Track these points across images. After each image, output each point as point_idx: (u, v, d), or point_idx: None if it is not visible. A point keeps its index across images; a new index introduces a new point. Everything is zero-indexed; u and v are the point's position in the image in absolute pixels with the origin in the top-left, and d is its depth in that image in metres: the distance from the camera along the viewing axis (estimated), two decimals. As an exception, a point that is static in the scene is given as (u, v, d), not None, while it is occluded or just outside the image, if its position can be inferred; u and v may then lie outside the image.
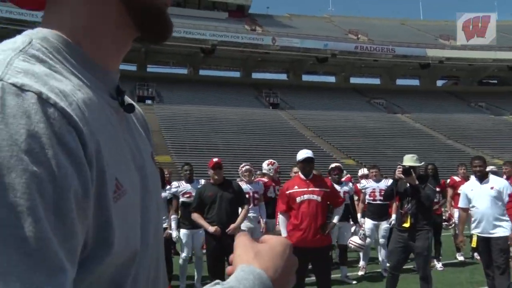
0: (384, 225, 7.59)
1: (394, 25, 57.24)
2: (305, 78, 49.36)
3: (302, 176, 5.31)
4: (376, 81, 52.32)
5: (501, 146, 33.15)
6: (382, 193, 6.80)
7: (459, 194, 8.55)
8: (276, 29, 46.18)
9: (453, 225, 8.37)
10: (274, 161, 8.13)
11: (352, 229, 7.72)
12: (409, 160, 5.43)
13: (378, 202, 7.47)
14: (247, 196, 6.61)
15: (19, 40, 0.61)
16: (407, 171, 5.27)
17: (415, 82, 53.08)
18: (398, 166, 5.50)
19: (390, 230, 6.98)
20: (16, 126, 0.49)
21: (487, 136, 36.17)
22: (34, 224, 0.47)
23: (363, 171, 9.27)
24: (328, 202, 5.28)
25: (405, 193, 5.43)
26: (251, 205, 6.72)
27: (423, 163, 5.86)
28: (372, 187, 7.77)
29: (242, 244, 0.68)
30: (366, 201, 7.86)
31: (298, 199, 5.15)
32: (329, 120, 36.49)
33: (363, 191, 7.98)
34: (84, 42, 0.66)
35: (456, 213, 8.48)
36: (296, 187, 5.25)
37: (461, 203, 5.89)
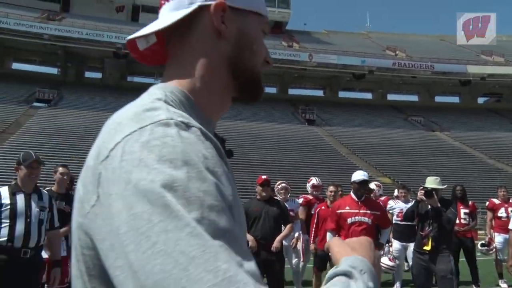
0: (412, 246, 7.56)
1: (433, 41, 56.48)
2: (342, 94, 49.23)
3: (354, 197, 5.41)
4: (414, 98, 51.58)
5: (546, 166, 32.06)
6: None
7: (499, 217, 8.44)
8: (313, 45, 46.41)
9: (494, 249, 8.12)
10: (312, 178, 8.25)
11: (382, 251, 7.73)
12: (432, 182, 5.42)
13: (406, 223, 7.48)
14: None
15: (157, 93, 0.78)
16: (429, 193, 5.26)
17: (455, 99, 52.00)
18: (421, 188, 5.47)
19: None
20: (197, 149, 0.66)
21: (531, 155, 35.04)
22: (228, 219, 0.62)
23: (396, 192, 9.21)
24: (377, 223, 5.39)
25: (426, 215, 5.39)
26: None
27: (445, 185, 5.87)
28: (400, 207, 7.73)
29: (337, 244, 0.80)
30: (394, 221, 7.76)
31: (349, 220, 5.25)
32: (365, 137, 36.25)
33: (390, 211, 7.89)
34: (199, 98, 0.83)
35: (497, 237, 8.37)
36: (347, 207, 5.34)
37: (511, 225, 5.73)
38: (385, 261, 6.89)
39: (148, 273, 0.56)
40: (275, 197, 6.56)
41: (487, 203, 8.87)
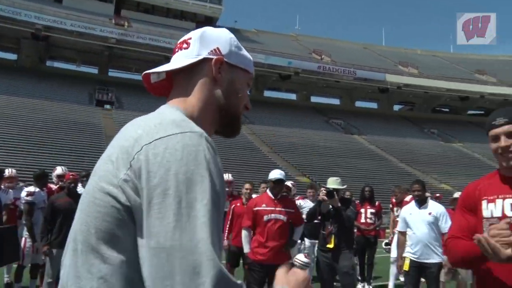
0: None
1: (357, 49, 58.84)
2: (267, 94, 49.91)
3: (270, 195, 5.44)
4: (336, 101, 53.48)
5: (449, 172, 34.54)
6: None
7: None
8: (242, 43, 43.91)
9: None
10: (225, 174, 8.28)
11: (297, 248, 7.70)
12: (333, 182, 5.54)
13: (315, 221, 7.67)
14: None
15: (179, 113, 1.06)
16: (330, 193, 5.41)
17: (373, 105, 54.59)
18: (322, 189, 5.58)
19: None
20: (214, 161, 0.95)
21: (437, 161, 37.58)
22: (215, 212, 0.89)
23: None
24: (290, 221, 5.45)
25: (327, 214, 5.55)
26: None
27: (345, 186, 6.00)
28: (309, 207, 7.91)
29: (282, 272, 1.09)
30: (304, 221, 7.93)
31: (265, 217, 5.25)
32: (287, 136, 36.99)
33: (301, 210, 8.06)
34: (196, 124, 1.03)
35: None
36: (264, 205, 5.35)
37: (400, 227, 5.84)
38: (300, 257, 7.04)
39: (167, 238, 0.84)
40: None
41: (390, 205, 9.13)
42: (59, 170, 7.63)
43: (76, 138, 26.60)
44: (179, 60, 1.15)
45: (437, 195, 12.74)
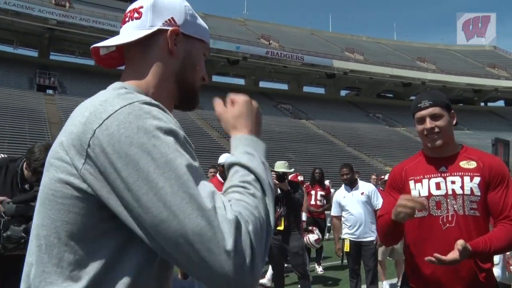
0: None
1: (305, 34, 59.43)
2: (215, 79, 49.53)
3: (220, 179, 5.51)
4: (284, 86, 53.95)
5: (393, 155, 35.77)
6: None
7: None
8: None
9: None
10: None
11: None
12: (281, 166, 5.60)
13: None
14: None
15: (127, 87, 1.01)
16: (281, 177, 5.48)
17: (321, 90, 55.52)
18: (272, 173, 5.60)
19: None
20: (173, 121, 0.92)
21: (381, 145, 38.85)
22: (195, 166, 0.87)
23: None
24: None
25: (276, 198, 5.57)
26: None
27: (293, 169, 6.11)
28: None
29: (222, 112, 1.08)
30: None
31: None
32: (237, 122, 36.92)
33: None
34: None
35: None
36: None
37: (334, 211, 6.04)
38: None
39: (162, 209, 0.81)
40: None
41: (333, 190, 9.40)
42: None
43: (16, 124, 25.36)
44: (131, 31, 1.07)
45: (382, 177, 13.16)
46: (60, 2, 40.55)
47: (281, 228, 5.57)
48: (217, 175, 5.69)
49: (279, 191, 5.58)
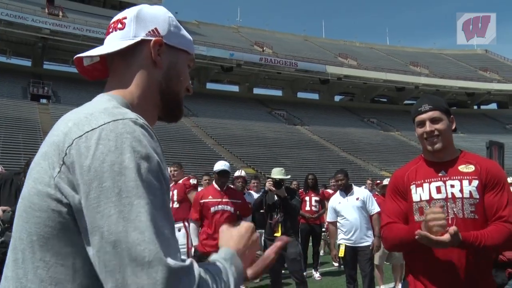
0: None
1: (298, 41, 59.71)
2: (210, 86, 49.64)
3: (216, 187, 5.45)
4: (278, 93, 54.09)
5: (388, 160, 35.90)
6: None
7: None
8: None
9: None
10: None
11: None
12: (278, 173, 5.58)
13: (262, 212, 7.70)
14: None
15: (113, 100, 0.99)
16: (278, 184, 5.44)
17: (314, 96, 55.71)
18: (269, 179, 5.62)
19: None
20: (153, 146, 0.90)
21: (377, 149, 38.96)
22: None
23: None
24: (238, 212, 5.47)
25: (273, 204, 5.59)
26: None
27: (289, 176, 6.12)
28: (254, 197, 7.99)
29: (223, 231, 1.08)
30: None
31: (212, 209, 5.27)
32: (231, 128, 37.02)
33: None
34: (135, 112, 0.97)
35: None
36: (210, 197, 5.36)
37: (329, 217, 6.04)
38: None
39: (111, 231, 0.79)
40: None
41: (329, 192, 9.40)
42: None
43: (10, 134, 25.28)
44: (114, 42, 1.07)
45: (378, 182, 13.19)
46: (53, 12, 40.57)
47: (278, 234, 5.52)
48: (213, 183, 5.68)
49: (276, 197, 5.55)
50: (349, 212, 5.77)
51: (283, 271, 6.24)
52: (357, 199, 5.78)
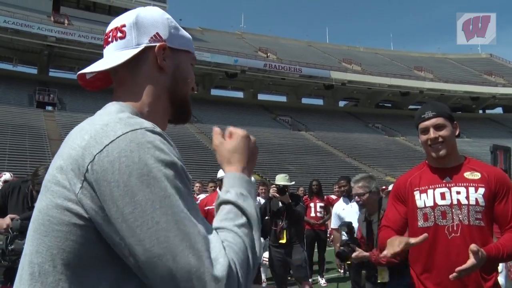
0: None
1: (302, 46, 59.74)
2: (214, 92, 49.71)
3: None
4: (283, 98, 54.07)
5: (393, 165, 35.76)
6: None
7: None
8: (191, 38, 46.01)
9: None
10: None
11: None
12: (281, 179, 5.62)
13: (266, 218, 7.67)
14: None
15: (125, 109, 0.99)
16: (282, 190, 5.44)
17: (319, 101, 55.67)
18: (272, 186, 5.64)
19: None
20: (173, 152, 0.92)
21: (381, 155, 38.83)
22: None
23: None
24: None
25: (278, 211, 5.60)
26: None
27: (293, 182, 6.11)
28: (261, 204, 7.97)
29: (220, 145, 1.10)
30: None
31: None
32: (236, 134, 36.95)
33: None
34: (147, 120, 0.97)
35: None
36: (215, 204, 5.37)
37: (334, 224, 6.04)
38: (265, 254, 6.86)
39: (153, 244, 0.81)
40: None
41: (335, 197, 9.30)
42: (7, 175, 7.32)
43: (16, 141, 25.39)
44: (117, 53, 1.05)
45: (383, 187, 13.15)
46: (59, 20, 40.83)
47: (283, 241, 5.54)
48: (217, 189, 5.69)
49: (280, 204, 5.54)
50: (353, 218, 5.70)
51: (288, 278, 6.23)
52: None
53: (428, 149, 2.28)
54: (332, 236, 8.53)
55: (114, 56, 1.05)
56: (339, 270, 6.94)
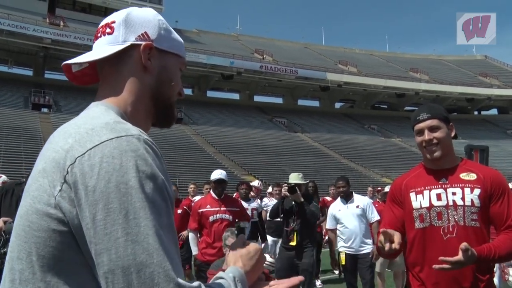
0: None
1: (298, 48, 59.81)
2: (210, 94, 49.71)
3: (214, 196, 5.42)
4: (279, 100, 54.13)
5: (389, 166, 35.84)
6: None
7: None
8: (183, 43, 46.01)
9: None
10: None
11: (262, 246, 7.56)
12: (295, 178, 5.51)
13: (279, 219, 7.59)
14: None
15: (111, 110, 0.98)
16: (292, 189, 5.28)
17: (315, 103, 55.71)
18: (284, 184, 5.53)
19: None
20: (157, 163, 0.88)
21: (378, 156, 38.90)
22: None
23: (271, 188, 9.13)
24: (237, 220, 5.43)
25: (290, 211, 5.46)
26: None
27: (308, 181, 6.01)
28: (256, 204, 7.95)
29: (231, 254, 1.06)
30: (268, 218, 7.72)
31: (211, 218, 5.25)
32: (232, 136, 37.02)
33: (265, 208, 7.98)
34: (129, 120, 0.98)
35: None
36: (208, 206, 5.35)
37: (329, 224, 5.98)
38: (266, 258, 6.86)
39: (119, 254, 0.78)
40: None
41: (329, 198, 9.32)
42: (3, 178, 7.32)
43: (12, 143, 25.32)
44: (103, 47, 1.04)
45: (379, 188, 13.17)
46: (54, 21, 40.72)
47: (293, 243, 5.39)
48: (211, 191, 5.68)
49: (293, 203, 5.41)
50: (349, 219, 5.74)
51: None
52: (357, 207, 5.75)
53: (423, 151, 2.30)
54: (327, 238, 8.57)
55: (99, 50, 1.05)
56: (334, 271, 6.97)
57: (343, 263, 5.78)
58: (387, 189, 7.27)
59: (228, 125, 39.65)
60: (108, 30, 1.06)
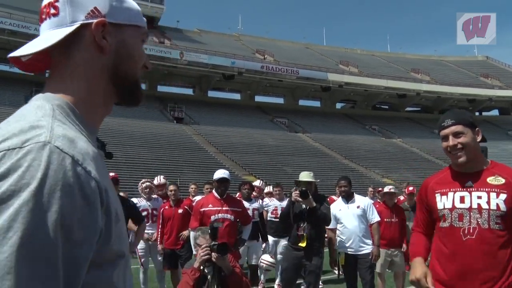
0: (283, 242, 7.49)
1: (299, 48, 59.82)
2: (211, 94, 49.71)
3: (216, 195, 5.42)
4: (280, 100, 54.13)
5: (390, 167, 35.86)
6: None
7: None
8: (184, 43, 46.11)
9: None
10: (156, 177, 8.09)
11: (262, 247, 7.47)
12: (306, 176, 5.41)
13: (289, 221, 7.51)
14: (145, 213, 6.77)
15: (46, 107, 0.85)
16: (304, 194, 5.11)
17: (316, 103, 55.72)
18: (294, 189, 5.38)
19: None
20: (56, 178, 0.72)
21: (378, 157, 38.90)
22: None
23: (269, 188, 9.11)
24: (238, 220, 5.43)
25: (300, 214, 5.33)
26: (149, 221, 6.90)
27: (318, 180, 5.96)
28: (275, 205, 7.96)
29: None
30: (268, 218, 7.88)
31: (212, 218, 5.25)
32: (233, 136, 37.04)
33: (265, 209, 7.97)
34: (82, 109, 0.90)
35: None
36: (210, 205, 5.36)
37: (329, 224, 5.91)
38: (266, 258, 6.78)
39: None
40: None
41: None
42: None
43: (11, 143, 25.32)
44: (50, 32, 0.93)
45: (379, 189, 13.17)
46: (55, 21, 40.72)
47: (303, 245, 5.30)
48: (213, 191, 5.69)
49: (303, 206, 5.30)
50: (349, 219, 5.74)
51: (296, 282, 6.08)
52: (358, 207, 5.75)
53: (449, 156, 2.38)
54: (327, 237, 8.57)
55: (46, 36, 0.94)
56: (334, 271, 6.95)
57: (343, 263, 5.79)
58: (386, 189, 7.27)
59: (229, 125, 39.67)
60: (52, 10, 0.94)
